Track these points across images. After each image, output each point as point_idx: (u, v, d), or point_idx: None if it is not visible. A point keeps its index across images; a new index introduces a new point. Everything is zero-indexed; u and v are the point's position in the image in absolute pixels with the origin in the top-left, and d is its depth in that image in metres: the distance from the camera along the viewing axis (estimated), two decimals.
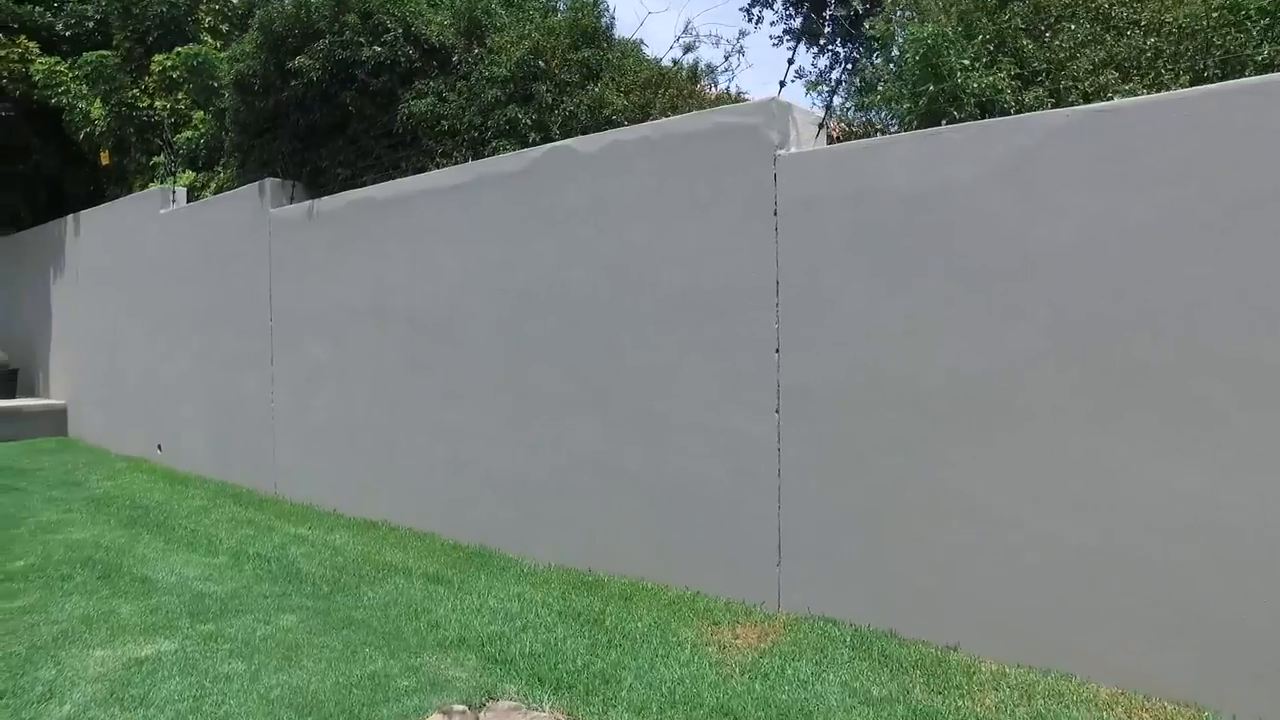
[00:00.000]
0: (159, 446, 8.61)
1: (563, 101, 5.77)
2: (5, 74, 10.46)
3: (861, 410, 3.69)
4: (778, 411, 3.94)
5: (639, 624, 3.84)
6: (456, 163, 5.77)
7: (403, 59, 6.12)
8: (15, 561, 5.17)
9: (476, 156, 5.70)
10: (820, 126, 4.22)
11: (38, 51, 10.62)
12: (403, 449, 5.83)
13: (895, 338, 3.60)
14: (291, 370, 6.80)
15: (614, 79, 5.91)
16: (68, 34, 11.09)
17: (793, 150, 3.98)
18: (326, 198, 6.46)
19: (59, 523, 6.12)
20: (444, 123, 5.98)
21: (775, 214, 3.94)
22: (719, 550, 4.17)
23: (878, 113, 4.60)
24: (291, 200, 6.93)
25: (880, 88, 4.47)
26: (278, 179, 7.02)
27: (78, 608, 4.24)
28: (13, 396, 11.35)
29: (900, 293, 3.58)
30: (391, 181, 5.93)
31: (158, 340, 8.64)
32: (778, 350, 3.94)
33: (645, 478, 4.45)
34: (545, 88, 5.78)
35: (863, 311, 3.69)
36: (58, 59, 10.48)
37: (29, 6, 11.13)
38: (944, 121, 3.81)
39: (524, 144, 5.55)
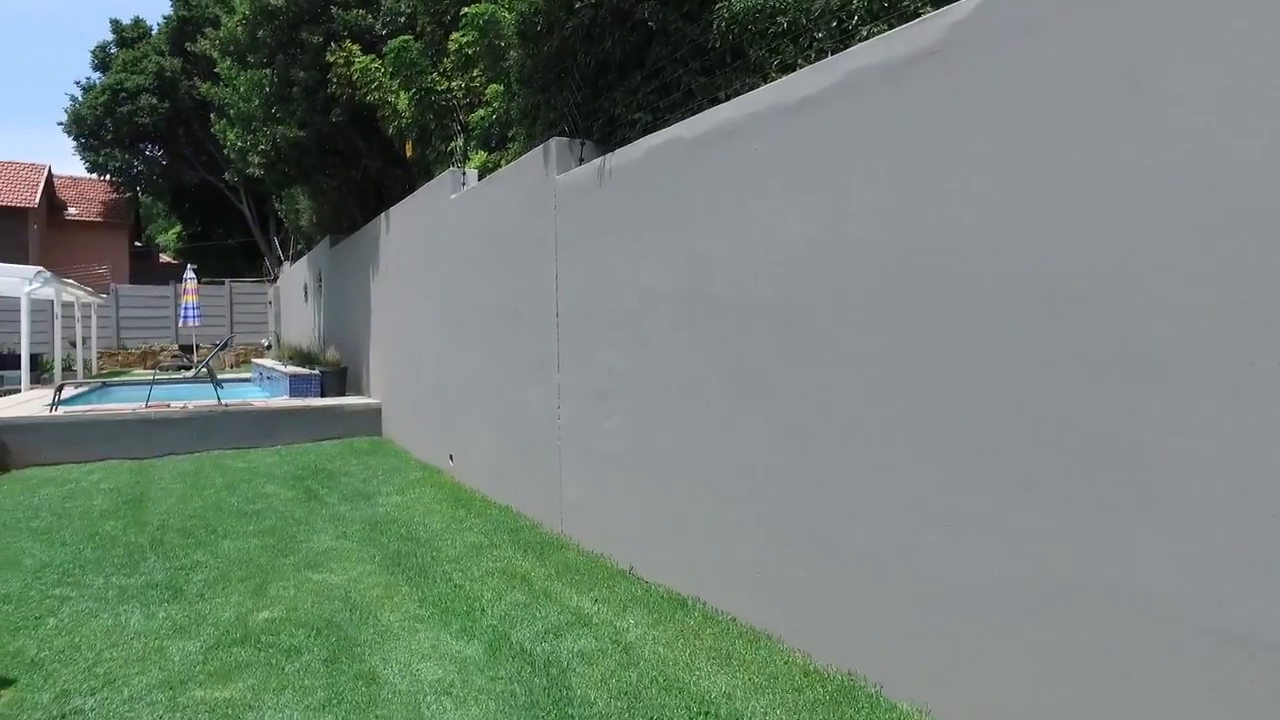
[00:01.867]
0: (450, 457, 7.78)
1: None
2: (334, 79, 10.55)
3: None
4: None
5: None
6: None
7: None
8: (261, 611, 4.18)
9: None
10: None
11: (359, 53, 10.59)
12: (725, 499, 4.03)
13: None
14: (580, 379, 5.35)
15: None
16: (384, 32, 11.02)
17: None
18: (621, 149, 4.87)
19: (327, 554, 5.20)
20: (781, 19, 4.06)
21: None
22: None
23: None
24: (580, 162, 5.48)
25: None
26: (564, 138, 5.62)
27: (282, 717, 2.99)
28: (342, 394, 11.60)
29: None
30: (707, 111, 4.15)
31: (450, 339, 7.82)
32: None
33: None
34: None
35: None
36: (372, 56, 10.33)
37: (355, 12, 11.25)
38: None
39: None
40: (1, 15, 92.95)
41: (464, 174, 7.70)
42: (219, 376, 10.25)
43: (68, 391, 10.92)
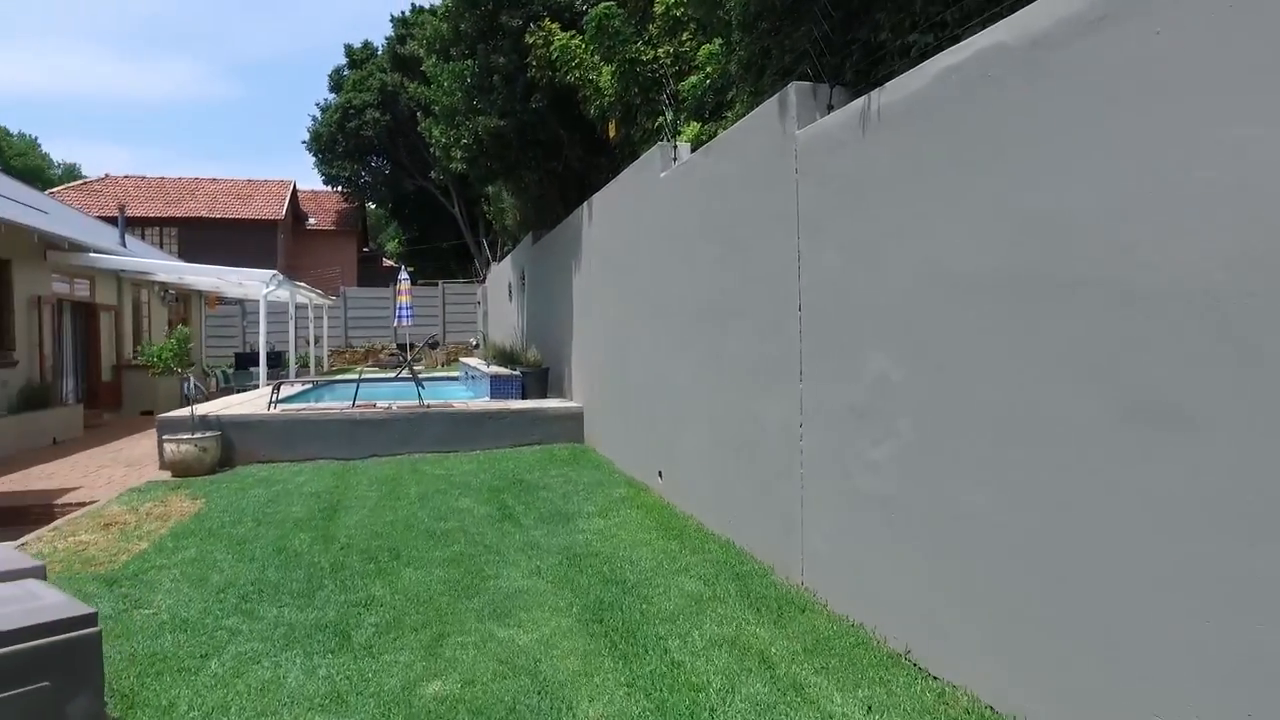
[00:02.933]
0: (659, 474, 6.80)
1: None
2: (533, 62, 10.00)
3: None
4: None
5: None
6: None
7: None
8: (432, 682, 3.34)
9: None
10: None
11: (559, 31, 9.96)
12: (1097, 600, 2.65)
13: None
14: (832, 391, 4.11)
15: None
16: (583, 8, 10.33)
17: None
18: (894, 82, 3.58)
19: (516, 597, 4.33)
20: None
21: None
22: None
23: None
24: (829, 110, 4.24)
25: None
26: (806, 83, 4.40)
27: None
28: (543, 396, 11.07)
29: None
30: None
31: (659, 338, 6.84)
32: None
33: None
34: None
35: None
36: (572, 33, 9.64)
37: None
38: None
39: None
40: (268, 53, 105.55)
41: (675, 148, 6.69)
42: (426, 375, 10.00)
43: (286, 390, 11.16)
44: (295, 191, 33.93)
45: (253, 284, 15.41)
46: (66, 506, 8.14)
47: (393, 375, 13.92)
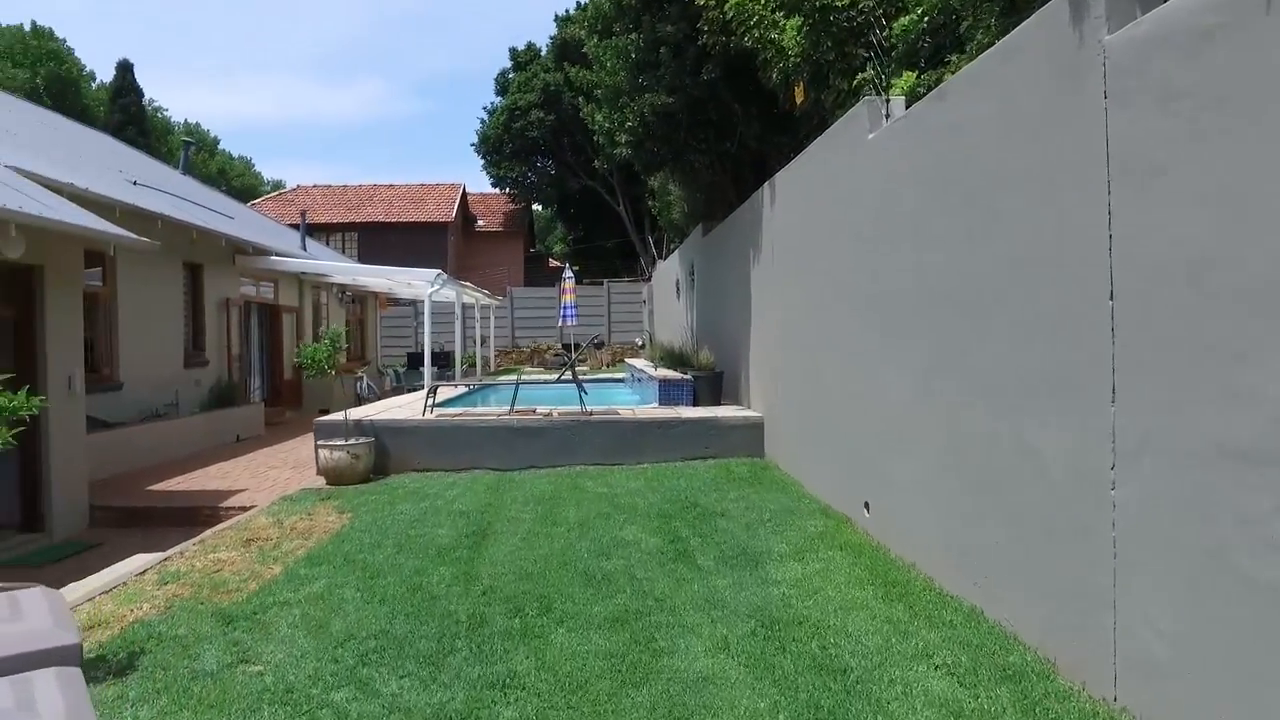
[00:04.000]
0: (865, 505, 5.50)
1: None
2: (704, 27, 8.92)
3: None
4: None
5: None
6: None
7: None
8: None
9: None
10: None
11: None
12: None
13: None
14: (1185, 421, 2.69)
15: None
16: None
17: None
18: None
19: (698, 689, 3.21)
20: None
21: None
22: None
23: None
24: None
25: None
26: None
27: None
28: (717, 402, 9.96)
29: None
30: None
31: (864, 338, 5.54)
32: None
33: None
34: None
35: None
36: None
37: None
38: None
39: None
40: (444, 67, 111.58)
41: (886, 102, 5.35)
42: (590, 377, 9.16)
43: (446, 392, 10.70)
44: (465, 194, 34.81)
45: (420, 284, 15.36)
46: (229, 510, 7.92)
47: (554, 377, 13.28)
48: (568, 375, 9.38)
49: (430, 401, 8.81)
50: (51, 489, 7.53)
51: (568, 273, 18.57)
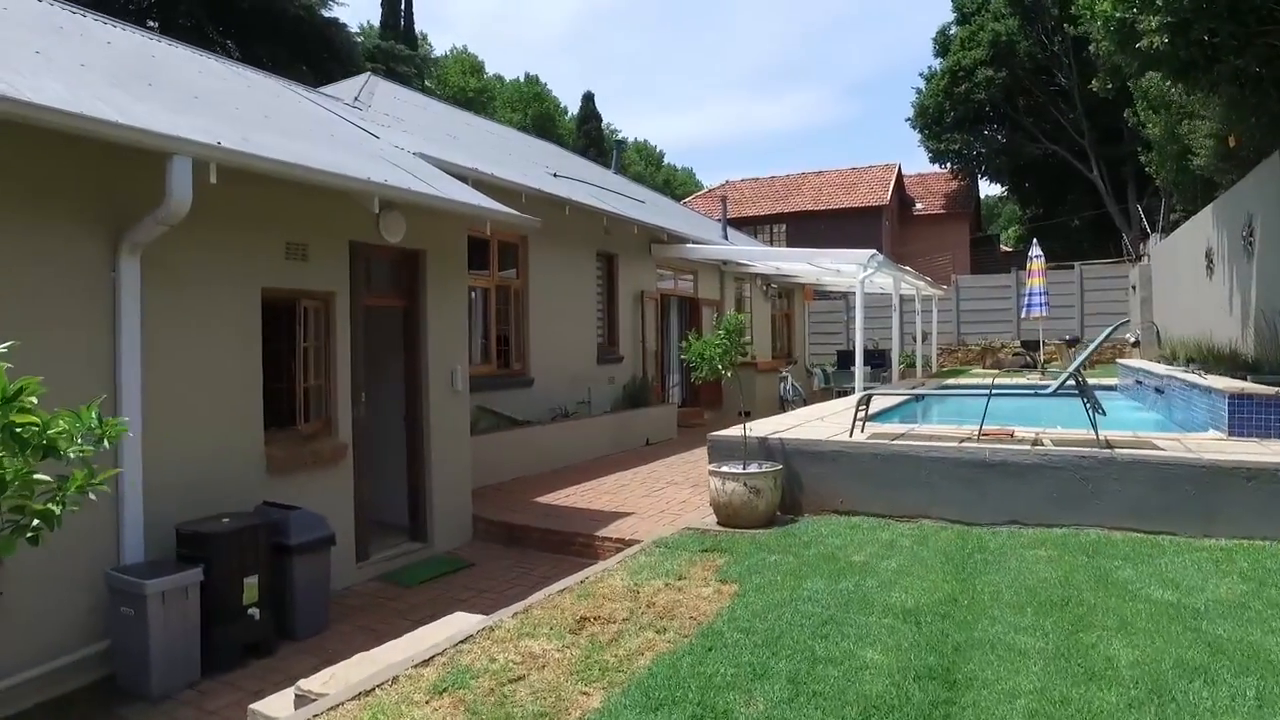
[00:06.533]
0: None
1: None
2: None
3: None
4: None
5: None
6: None
7: None
8: None
9: None
10: None
11: None
12: None
13: None
14: None
15: None
16: None
17: None
18: None
19: None
20: None
21: None
22: None
23: None
24: None
25: None
26: None
27: None
28: None
29: None
30: None
31: None
32: None
33: None
34: None
35: None
36: None
37: None
38: None
39: None
40: (871, 64, 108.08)
41: None
42: (1085, 385, 5.92)
43: (881, 401, 8.13)
44: (900, 175, 31.51)
45: (851, 269, 13.00)
46: (604, 543, 6.45)
47: (1037, 385, 9.88)
48: (1058, 382, 6.18)
49: (861, 415, 6.36)
50: (431, 496, 6.75)
51: (1035, 251, 14.50)
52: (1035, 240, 14.90)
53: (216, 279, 5.00)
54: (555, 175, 12.04)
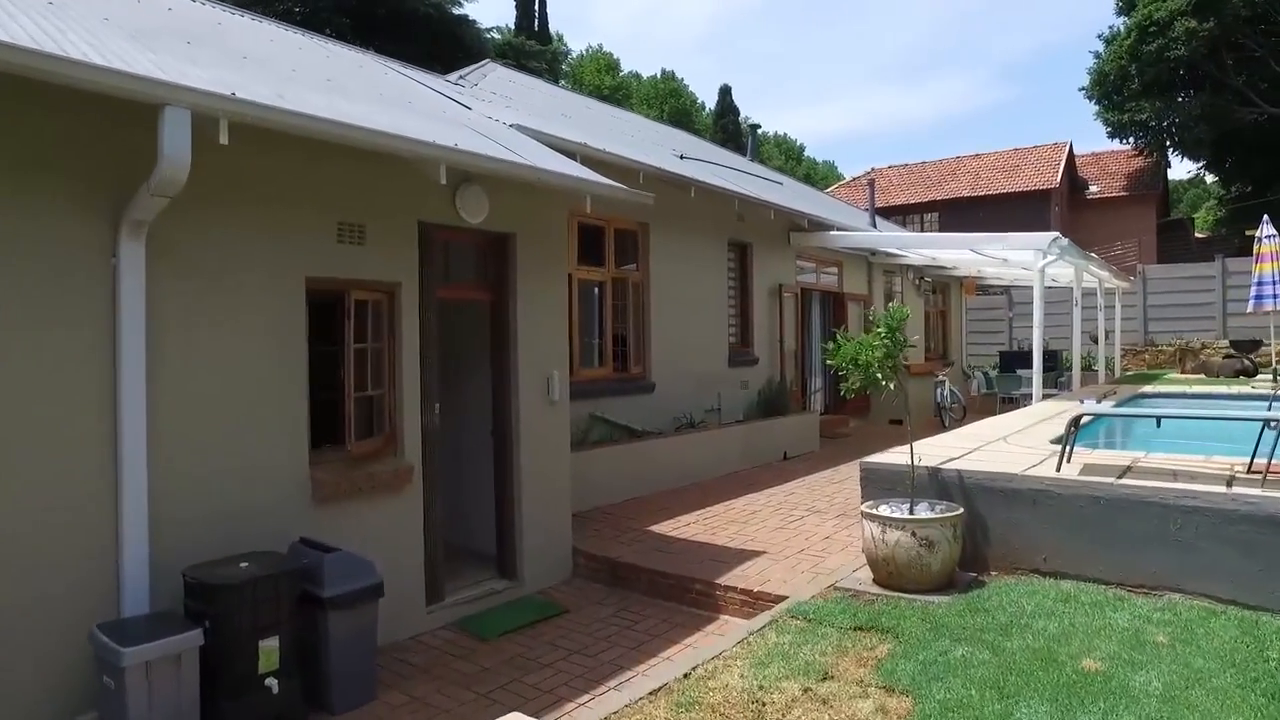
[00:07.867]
0: None
1: None
2: None
3: None
4: None
5: None
6: None
7: None
8: None
9: None
10: None
11: None
12: None
13: None
14: None
15: None
16: None
17: None
18: None
19: None
20: None
21: None
22: None
23: None
24: None
25: None
26: None
27: None
28: None
29: None
30: None
31: None
32: None
33: None
34: None
35: None
36: None
37: None
38: None
39: None
40: (1029, 43, 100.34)
41: None
42: None
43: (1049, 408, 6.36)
44: (1071, 154, 28.18)
45: (1023, 255, 11.03)
46: (727, 593, 5.19)
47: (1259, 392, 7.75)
48: None
49: (1069, 441, 4.74)
50: (521, 525, 5.68)
51: (1269, 230, 11.79)
52: (1266, 218, 12.22)
53: (246, 267, 4.09)
54: (681, 157, 10.82)
